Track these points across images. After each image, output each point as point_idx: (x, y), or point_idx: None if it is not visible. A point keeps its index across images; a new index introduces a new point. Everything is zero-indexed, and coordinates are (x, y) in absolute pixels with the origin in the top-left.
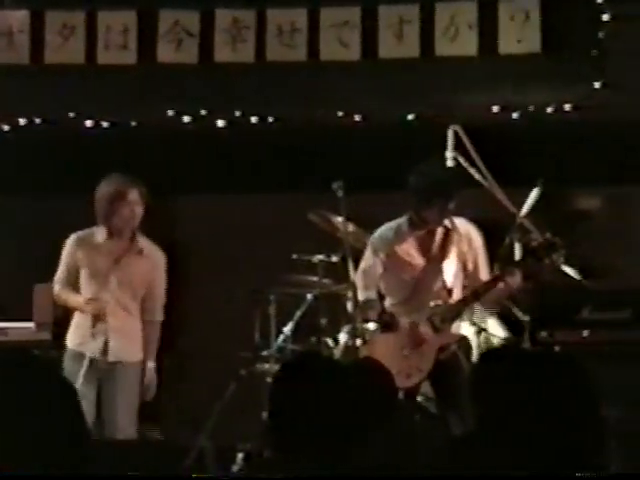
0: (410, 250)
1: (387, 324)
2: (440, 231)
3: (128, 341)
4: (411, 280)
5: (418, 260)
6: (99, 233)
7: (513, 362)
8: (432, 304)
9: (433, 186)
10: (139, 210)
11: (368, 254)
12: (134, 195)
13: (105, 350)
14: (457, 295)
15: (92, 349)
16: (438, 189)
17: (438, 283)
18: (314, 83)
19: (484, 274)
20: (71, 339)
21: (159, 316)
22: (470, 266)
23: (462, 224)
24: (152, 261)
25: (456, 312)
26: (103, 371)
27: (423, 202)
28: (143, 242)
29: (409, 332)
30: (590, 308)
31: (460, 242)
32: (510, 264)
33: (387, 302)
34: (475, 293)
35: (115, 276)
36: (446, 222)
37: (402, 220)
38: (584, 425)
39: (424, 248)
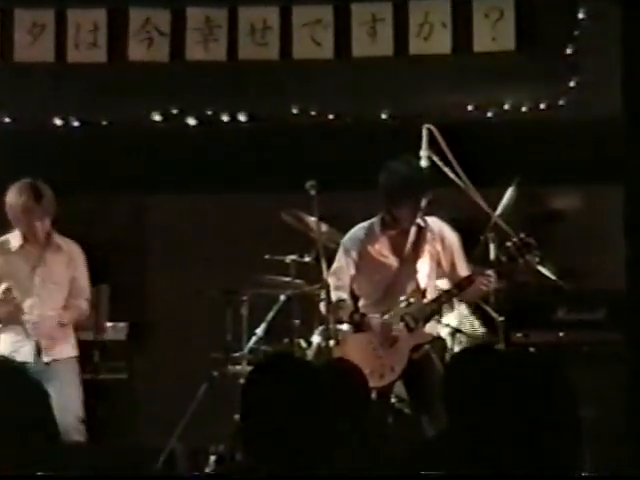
0: (382, 250)
1: (359, 324)
2: (413, 230)
3: (60, 339)
4: (384, 280)
5: (391, 260)
6: (14, 238)
7: (487, 363)
8: (405, 304)
9: (404, 184)
10: (50, 215)
11: (340, 255)
12: (45, 202)
13: (38, 352)
14: (431, 295)
15: (25, 354)
16: (409, 187)
17: (412, 283)
18: (287, 82)
19: (464, 272)
20: (3, 348)
21: (86, 308)
22: (445, 265)
23: (435, 223)
24: (70, 256)
25: (430, 312)
26: (40, 373)
27: (394, 201)
28: (58, 239)
29: (382, 332)
30: (565, 309)
31: (433, 241)
32: (484, 264)
33: (360, 302)
34: (448, 293)
35: (38, 277)
36: (419, 221)
37: (374, 220)
38: (558, 426)
39: (397, 248)
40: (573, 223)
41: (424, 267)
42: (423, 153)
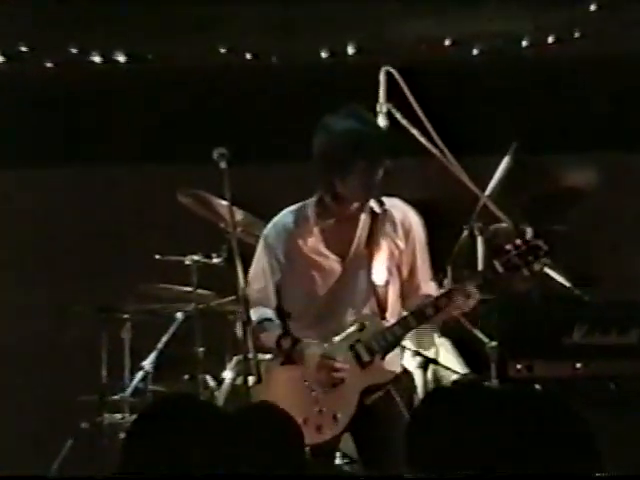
0: (318, 246)
1: (289, 354)
2: (363, 218)
3: None
4: (322, 290)
5: (331, 261)
6: None
7: (473, 407)
8: (356, 327)
9: (351, 147)
10: None
11: (260, 253)
12: None
13: None
14: (393, 312)
15: None
16: (358, 150)
17: (362, 295)
18: (185, 11)
19: (423, 280)
20: None
21: None
22: (405, 269)
23: (397, 207)
24: None
25: (391, 339)
26: None
27: (336, 172)
28: None
29: (319, 367)
30: (584, 329)
31: (394, 233)
32: (470, 273)
33: (293, 322)
34: (419, 313)
35: None
36: (372, 204)
37: (308, 202)
38: None
39: (339, 243)
40: (593, 206)
41: (381, 272)
42: (380, 107)
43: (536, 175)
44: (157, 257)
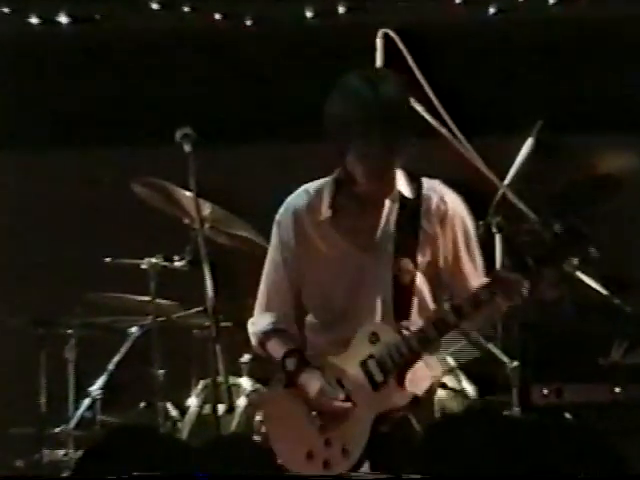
0: (333, 235)
1: (292, 378)
2: (390, 203)
3: None
4: (337, 289)
5: (348, 253)
6: None
7: (488, 439)
8: (367, 338)
9: (345, 120)
10: None
11: (273, 243)
12: None
13: None
14: (418, 319)
15: None
16: (355, 126)
17: (383, 295)
18: None
19: (474, 278)
20: None
21: None
22: (442, 262)
23: (435, 189)
24: None
25: (406, 353)
26: None
27: (337, 149)
28: None
29: (318, 399)
30: (625, 346)
31: (427, 221)
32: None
33: (310, 330)
34: (439, 321)
35: None
36: (401, 187)
37: (324, 182)
38: None
39: (359, 232)
40: (634, 198)
41: (407, 268)
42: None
43: (566, 160)
44: (107, 260)
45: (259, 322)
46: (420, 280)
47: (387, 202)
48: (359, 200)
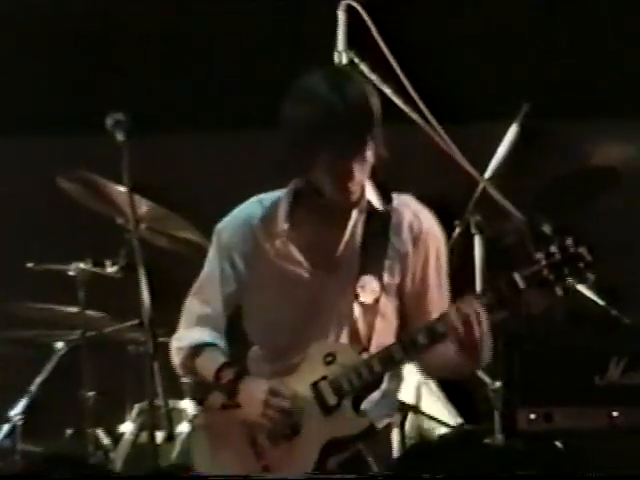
0: (290, 250)
1: (231, 391)
2: (356, 215)
3: None
4: (290, 309)
5: (305, 270)
6: None
7: (467, 469)
8: (322, 358)
9: (311, 125)
10: None
11: (211, 254)
12: None
13: None
14: (381, 342)
15: None
16: (321, 132)
17: (342, 317)
18: None
19: (436, 306)
20: None
21: None
22: (409, 286)
23: (407, 205)
24: None
25: (367, 376)
26: None
27: (300, 157)
28: None
29: (267, 405)
30: (623, 365)
31: (398, 237)
32: (482, 288)
33: (252, 351)
34: (407, 342)
35: None
36: (371, 197)
37: (281, 194)
38: None
39: (319, 247)
40: (633, 192)
41: (371, 287)
42: (338, 57)
43: (555, 149)
44: (29, 265)
45: (186, 336)
46: (384, 302)
47: (354, 213)
48: (323, 212)
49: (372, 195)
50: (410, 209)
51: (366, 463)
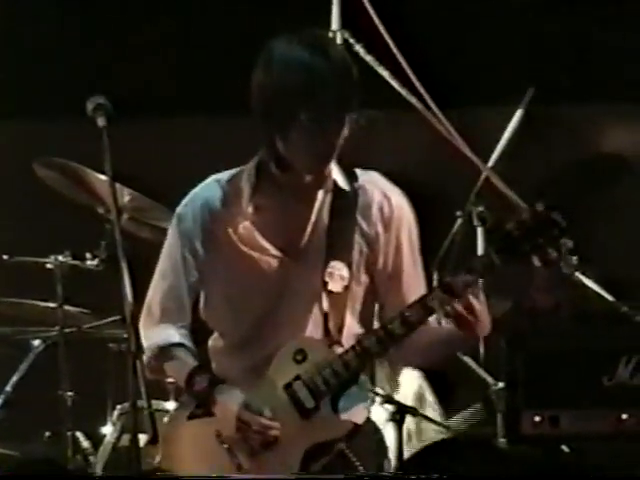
0: (253, 234)
1: (204, 400)
2: (322, 195)
3: None
4: (255, 298)
5: (270, 255)
6: None
7: (471, 473)
8: (292, 356)
9: (292, 89)
10: None
11: (170, 242)
12: None
13: None
14: (352, 334)
15: None
16: (302, 96)
17: (310, 306)
18: None
19: (411, 290)
20: None
21: None
22: (380, 271)
23: (375, 183)
24: None
25: (343, 373)
26: None
27: (275, 126)
28: None
29: (240, 426)
30: (634, 363)
31: (366, 219)
32: (467, 265)
33: (215, 342)
34: (384, 333)
35: None
36: (337, 176)
37: (245, 168)
38: None
39: (284, 230)
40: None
41: (340, 273)
42: (333, 36)
43: (561, 136)
44: (4, 258)
45: (152, 335)
46: (355, 288)
47: (319, 194)
48: (288, 191)
49: (337, 174)
50: (378, 188)
51: (351, 462)
